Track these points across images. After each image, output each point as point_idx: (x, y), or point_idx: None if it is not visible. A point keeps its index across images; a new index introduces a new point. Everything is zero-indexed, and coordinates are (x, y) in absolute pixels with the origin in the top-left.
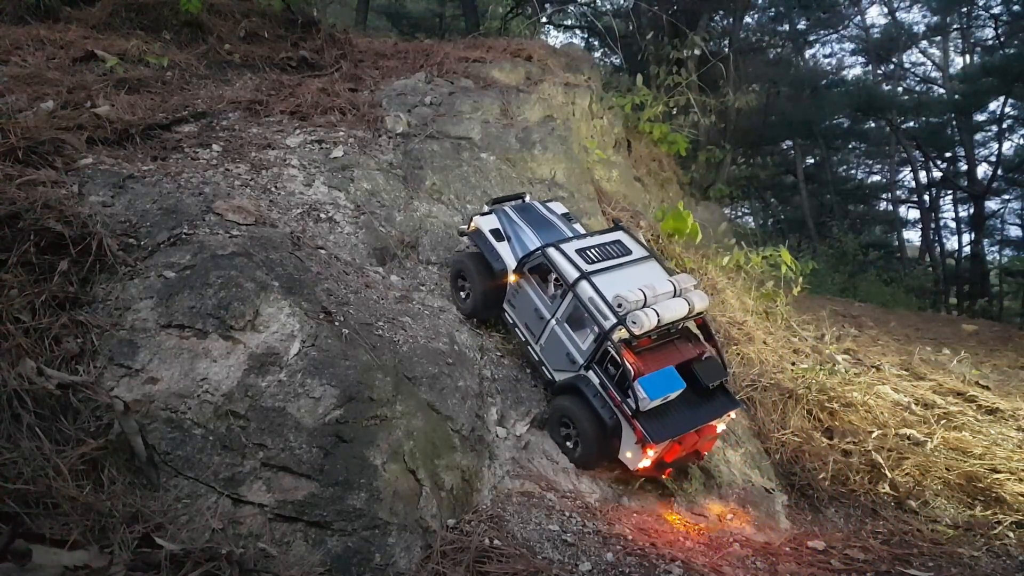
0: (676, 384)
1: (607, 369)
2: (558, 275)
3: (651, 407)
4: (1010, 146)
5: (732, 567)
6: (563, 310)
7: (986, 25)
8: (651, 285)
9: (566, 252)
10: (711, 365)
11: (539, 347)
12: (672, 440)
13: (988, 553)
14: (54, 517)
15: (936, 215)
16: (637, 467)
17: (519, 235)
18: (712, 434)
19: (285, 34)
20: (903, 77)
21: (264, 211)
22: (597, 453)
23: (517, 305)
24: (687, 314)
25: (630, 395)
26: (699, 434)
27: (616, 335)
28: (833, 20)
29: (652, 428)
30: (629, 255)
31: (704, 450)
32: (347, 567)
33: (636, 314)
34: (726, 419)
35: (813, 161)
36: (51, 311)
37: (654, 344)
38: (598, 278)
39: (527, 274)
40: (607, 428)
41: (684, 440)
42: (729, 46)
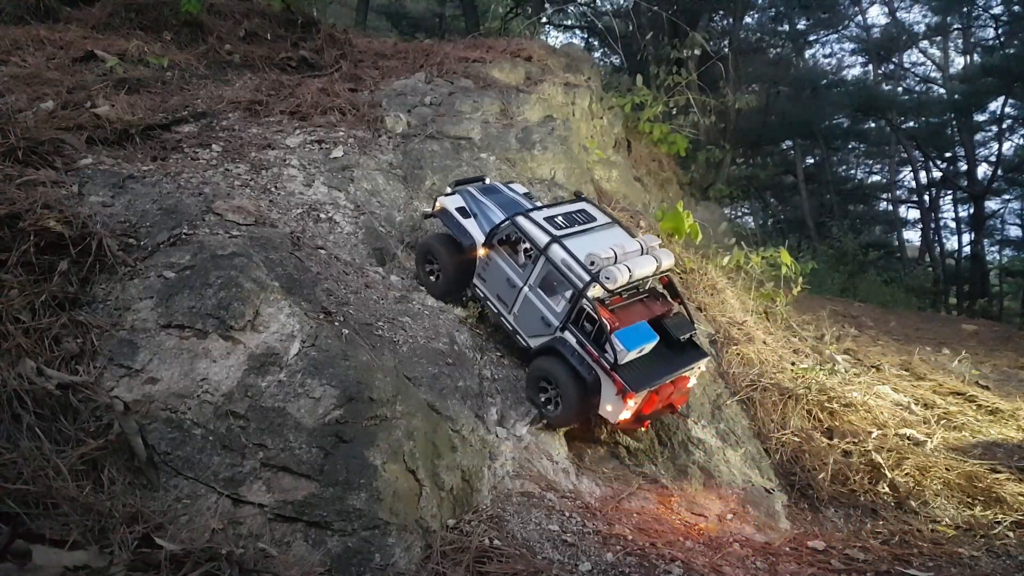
0: (650, 337)
1: (583, 327)
2: (529, 242)
3: (628, 359)
4: (1010, 146)
5: (732, 567)
6: (535, 276)
7: (986, 25)
8: (620, 244)
9: (535, 220)
10: (680, 320)
11: (512, 316)
12: (650, 390)
13: (988, 553)
14: (54, 517)
15: (936, 215)
16: (618, 419)
17: (485, 212)
18: (684, 386)
19: (285, 34)
20: (903, 77)
21: (264, 211)
22: (578, 410)
23: (488, 278)
24: (656, 270)
25: (607, 349)
26: (674, 385)
27: (591, 293)
28: (833, 20)
29: (631, 378)
30: (595, 221)
31: (678, 403)
32: (347, 567)
33: (609, 270)
34: (697, 371)
35: (813, 161)
36: (51, 311)
37: (625, 303)
38: (568, 241)
39: (497, 246)
40: (587, 384)
41: (660, 391)
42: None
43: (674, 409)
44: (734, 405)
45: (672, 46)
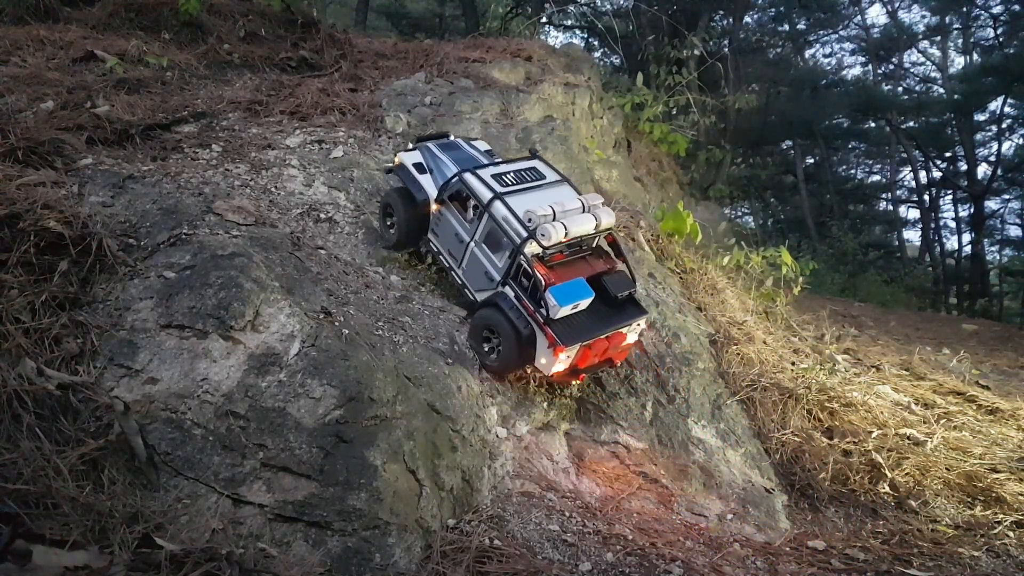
0: (585, 293)
1: (521, 282)
2: (473, 198)
3: (562, 315)
4: (1010, 146)
5: (732, 567)
6: (480, 231)
7: (986, 25)
8: (560, 202)
9: (482, 176)
10: (620, 278)
11: (461, 271)
12: (582, 345)
13: (988, 553)
14: (54, 517)
15: (936, 215)
16: (552, 371)
17: (440, 168)
18: (622, 342)
19: (285, 34)
20: (903, 77)
21: (264, 211)
22: (516, 360)
23: (440, 233)
24: (594, 229)
25: (542, 304)
26: (609, 341)
27: (528, 249)
28: (833, 20)
29: (562, 333)
30: (543, 179)
31: (617, 359)
32: (347, 567)
33: (545, 227)
34: (636, 328)
35: (813, 161)
36: (51, 311)
37: (566, 259)
38: (511, 198)
39: (447, 201)
40: (523, 337)
41: (594, 346)
42: (729, 46)
43: (612, 364)
44: (734, 405)
45: (672, 46)
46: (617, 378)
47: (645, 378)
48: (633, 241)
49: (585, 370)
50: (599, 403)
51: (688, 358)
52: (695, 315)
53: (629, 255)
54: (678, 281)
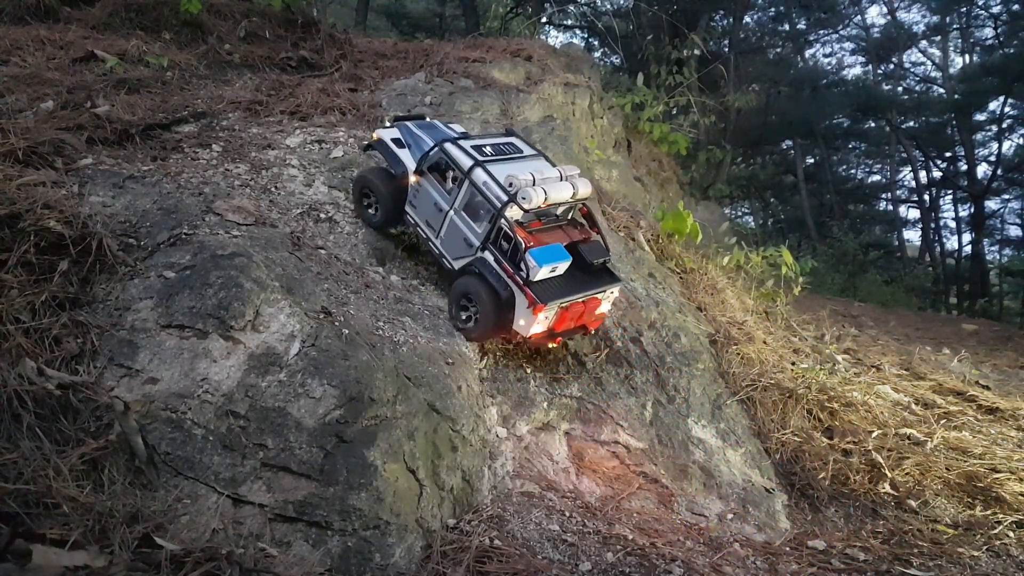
0: (562, 256)
1: (501, 246)
2: (454, 166)
3: (541, 276)
4: (1010, 146)
5: (732, 567)
6: (460, 199)
7: (986, 25)
8: (539, 170)
9: (462, 146)
10: (595, 246)
11: (439, 240)
12: (560, 307)
13: (988, 553)
14: (54, 517)
15: (936, 215)
16: (530, 333)
17: (419, 143)
18: (596, 308)
19: (285, 34)
20: (903, 77)
21: (264, 211)
22: (494, 325)
23: (418, 204)
24: (572, 197)
25: (522, 266)
26: (585, 305)
27: (509, 213)
28: (833, 20)
29: (541, 292)
30: (520, 152)
31: (591, 326)
32: (347, 567)
33: (526, 191)
34: (610, 296)
35: (813, 161)
36: (51, 311)
37: (544, 227)
38: (491, 166)
39: (427, 173)
40: (502, 300)
41: (571, 309)
42: (729, 46)
43: (587, 331)
44: (734, 405)
45: (672, 46)
46: (617, 378)
47: (645, 378)
48: (633, 241)
49: (561, 334)
50: (599, 403)
51: (688, 358)
52: (695, 315)
53: (629, 255)
54: (678, 281)
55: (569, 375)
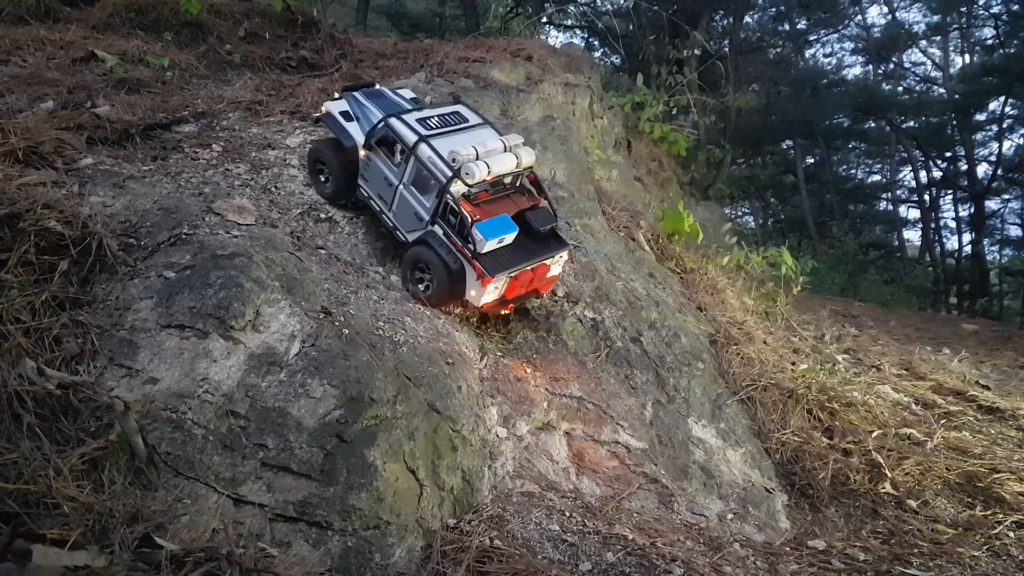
0: (509, 228)
1: (448, 220)
2: (399, 142)
3: (488, 249)
4: (1010, 146)
5: (732, 567)
6: (408, 174)
7: (986, 25)
8: (482, 143)
9: (407, 121)
10: (542, 213)
11: (392, 213)
12: (509, 276)
13: (988, 553)
14: (54, 517)
15: (936, 215)
16: (481, 303)
17: (366, 115)
18: (546, 274)
19: (285, 34)
20: (903, 77)
21: (264, 211)
22: (447, 293)
23: (369, 178)
24: (516, 168)
25: (470, 240)
26: (534, 272)
27: (453, 188)
28: (833, 20)
29: (489, 265)
30: (466, 122)
31: (543, 290)
32: (347, 567)
33: (468, 166)
34: (560, 261)
35: (813, 161)
36: (51, 311)
37: (491, 197)
38: (436, 140)
39: (375, 147)
40: (452, 271)
41: (520, 277)
42: (729, 46)
43: (539, 294)
44: (734, 405)
45: (672, 46)
46: (617, 378)
47: (645, 378)
48: (633, 241)
49: (513, 300)
50: (599, 403)
51: (688, 358)
52: (695, 315)
53: (629, 255)
54: (678, 281)
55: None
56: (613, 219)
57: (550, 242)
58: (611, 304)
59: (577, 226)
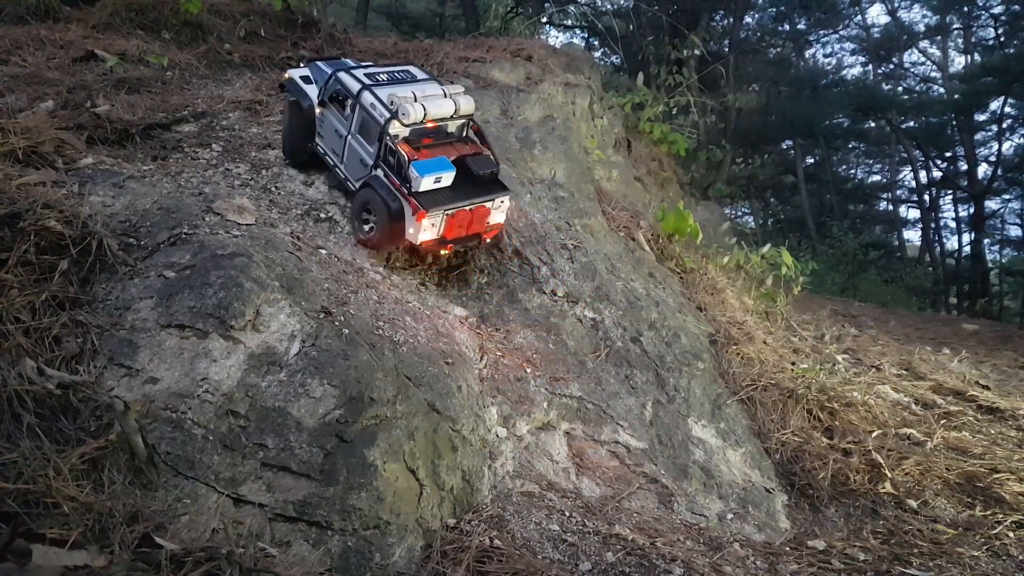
0: (446, 167)
1: (388, 161)
2: (346, 92)
3: (424, 187)
4: (1010, 146)
5: (732, 567)
6: (355, 124)
7: (986, 25)
8: (422, 90)
9: (354, 74)
10: (483, 158)
11: (343, 165)
12: (445, 213)
13: (988, 553)
14: (54, 517)
15: (936, 215)
16: (419, 240)
17: (322, 75)
18: (486, 216)
19: (285, 34)
20: (903, 77)
21: (264, 211)
22: (388, 234)
23: (324, 134)
24: (453, 113)
25: (407, 179)
26: (472, 214)
27: (392, 130)
28: (833, 20)
29: (425, 201)
30: (414, 78)
31: (486, 235)
32: (347, 567)
33: (404, 107)
34: (501, 207)
35: (813, 161)
36: (51, 311)
37: (434, 144)
38: (379, 89)
39: (328, 103)
40: (392, 211)
41: (458, 216)
42: (729, 46)
43: (481, 240)
44: (734, 405)
45: (672, 46)
46: (617, 378)
47: (645, 378)
48: (633, 241)
49: (453, 241)
50: (599, 403)
51: (688, 358)
52: (695, 315)
53: (629, 255)
54: (678, 281)
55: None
56: (613, 219)
57: (492, 187)
58: (611, 304)
59: (577, 226)
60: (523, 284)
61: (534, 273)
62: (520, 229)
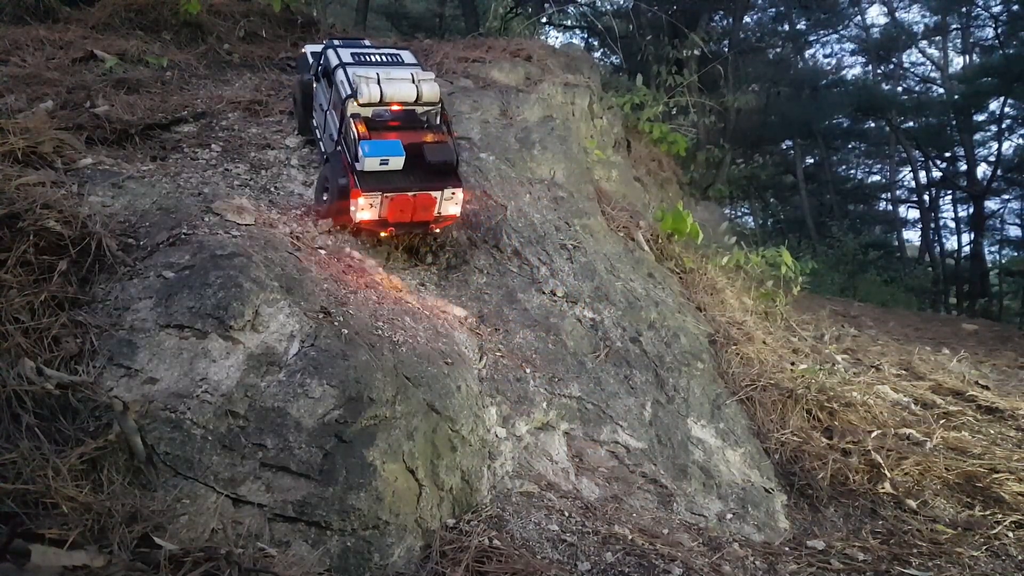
0: (396, 151)
1: (346, 138)
2: (328, 67)
3: (369, 167)
4: (1010, 146)
5: (732, 567)
6: (331, 99)
7: (986, 25)
8: (390, 72)
9: (338, 50)
10: (439, 147)
11: (322, 140)
12: (384, 196)
13: (987, 553)
14: (53, 517)
15: (936, 215)
16: (358, 219)
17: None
18: (430, 205)
19: (285, 34)
20: (903, 77)
21: (264, 211)
22: (335, 208)
23: (315, 108)
24: (415, 99)
25: (357, 158)
26: (414, 200)
27: (351, 109)
28: (833, 20)
29: (364, 181)
30: (400, 62)
31: (435, 225)
32: (346, 567)
33: (361, 87)
34: (453, 198)
35: (813, 161)
36: (50, 311)
37: (399, 127)
38: (355, 68)
39: (319, 77)
40: (340, 187)
41: (398, 201)
42: (729, 46)
43: (428, 229)
44: (734, 405)
45: (672, 46)
46: (617, 378)
47: (645, 378)
48: (633, 241)
49: (394, 225)
50: (599, 403)
51: (688, 358)
52: (695, 315)
53: (629, 255)
54: (678, 281)
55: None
56: (613, 219)
57: (444, 178)
58: (610, 304)
59: (576, 226)
60: (522, 284)
61: (533, 273)
62: (520, 229)
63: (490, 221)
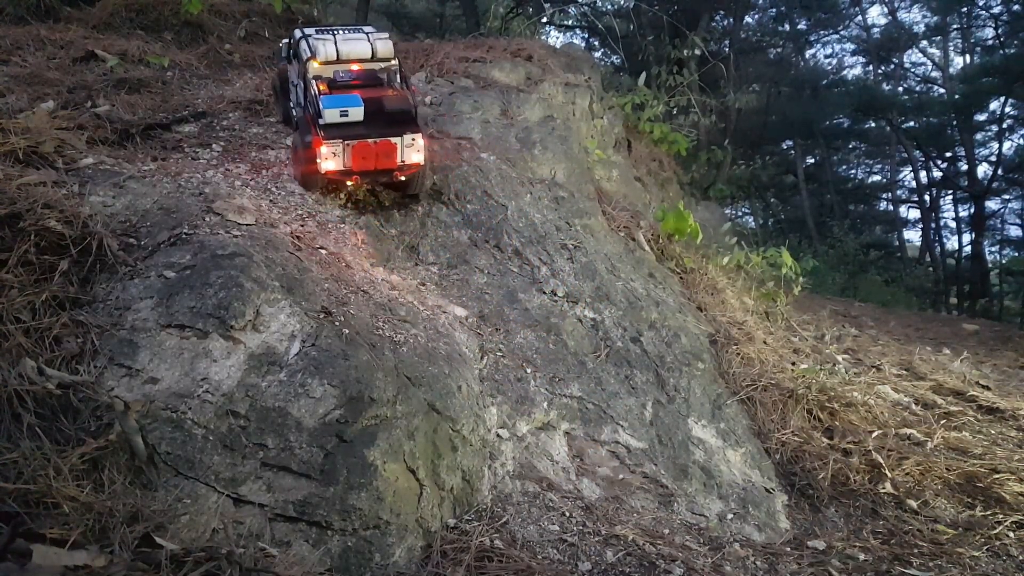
0: (355, 102)
1: (308, 99)
2: (294, 46)
3: (330, 119)
4: (1010, 146)
5: (732, 567)
6: (299, 71)
7: (986, 25)
8: (345, 35)
9: (306, 31)
10: (398, 98)
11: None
12: (346, 144)
13: (988, 553)
14: (54, 517)
15: (936, 215)
16: (324, 169)
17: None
18: (392, 152)
19: (286, 34)
20: (903, 77)
21: (264, 211)
22: (304, 167)
23: (290, 88)
24: (371, 55)
25: (319, 112)
26: (377, 147)
27: (312, 71)
28: (833, 20)
29: (327, 131)
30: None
31: (399, 174)
32: (347, 567)
33: (317, 46)
34: (414, 144)
35: (813, 161)
36: (51, 311)
37: (360, 86)
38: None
39: (291, 59)
40: (305, 143)
41: (359, 148)
42: (729, 46)
43: (393, 176)
44: (734, 405)
45: (673, 46)
46: (617, 378)
47: (645, 378)
48: (633, 241)
49: (360, 174)
50: (599, 403)
51: (688, 358)
52: (695, 315)
53: (629, 255)
54: (678, 281)
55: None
56: (613, 219)
57: (403, 125)
58: (611, 304)
59: (577, 226)
60: (523, 284)
61: (534, 273)
62: (520, 229)
63: (491, 221)
